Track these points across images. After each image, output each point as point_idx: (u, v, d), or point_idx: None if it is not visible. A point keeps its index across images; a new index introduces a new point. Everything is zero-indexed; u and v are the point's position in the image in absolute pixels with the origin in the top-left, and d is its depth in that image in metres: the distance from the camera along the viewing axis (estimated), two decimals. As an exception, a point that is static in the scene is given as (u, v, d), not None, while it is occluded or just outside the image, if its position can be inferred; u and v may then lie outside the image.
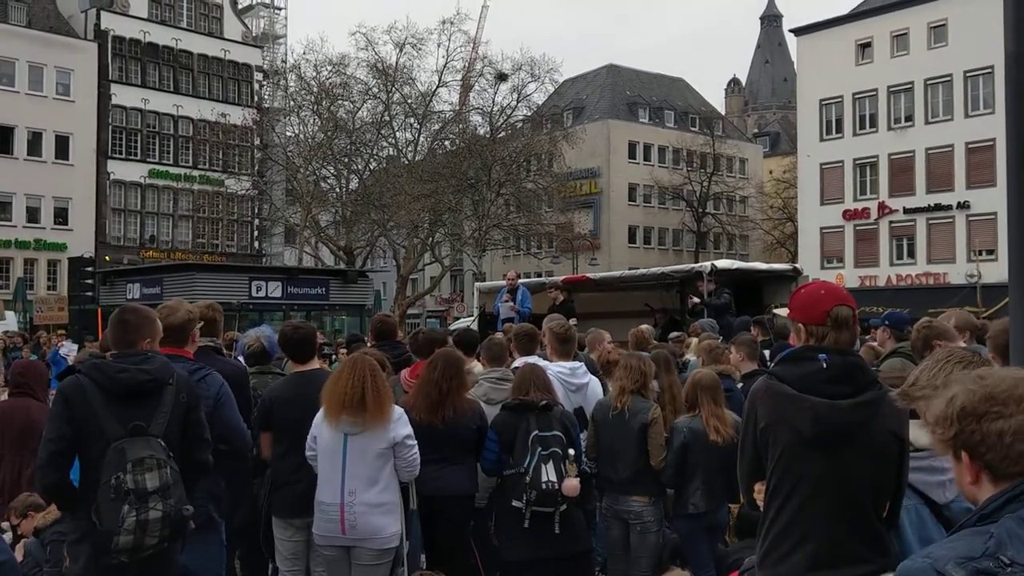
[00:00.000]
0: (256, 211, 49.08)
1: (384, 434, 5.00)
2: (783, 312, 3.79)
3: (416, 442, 5.13)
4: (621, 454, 5.89)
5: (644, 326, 9.83)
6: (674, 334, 11.53)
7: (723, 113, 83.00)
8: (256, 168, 46.84)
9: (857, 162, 45.29)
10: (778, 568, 3.13)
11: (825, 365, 3.13)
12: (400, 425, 5.07)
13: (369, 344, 7.70)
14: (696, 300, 14.01)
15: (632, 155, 62.28)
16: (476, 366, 6.74)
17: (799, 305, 3.41)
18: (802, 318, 3.35)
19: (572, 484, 5.27)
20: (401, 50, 42.63)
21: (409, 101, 43.48)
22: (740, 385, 7.08)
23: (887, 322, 6.66)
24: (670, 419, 6.11)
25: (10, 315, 29.16)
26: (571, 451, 5.37)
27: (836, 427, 3.07)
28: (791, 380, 3.16)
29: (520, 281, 15.28)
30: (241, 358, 6.95)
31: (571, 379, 6.43)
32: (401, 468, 5.11)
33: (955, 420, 1.88)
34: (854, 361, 3.23)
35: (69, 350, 16.59)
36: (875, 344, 6.70)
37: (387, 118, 43.06)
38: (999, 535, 1.76)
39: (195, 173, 47.52)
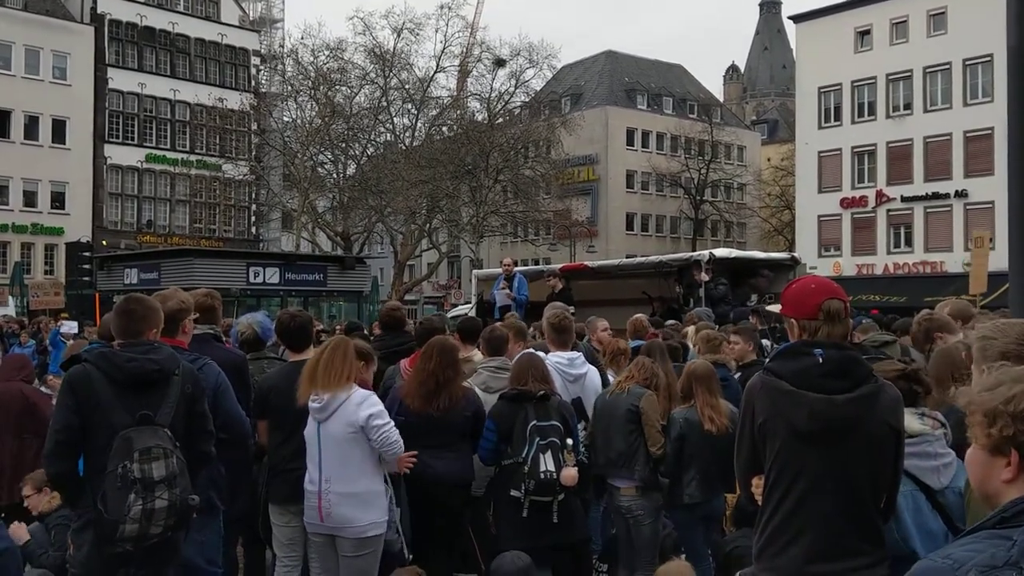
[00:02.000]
0: (253, 196, 48.98)
1: (347, 417, 4.96)
2: (775, 308, 3.80)
3: (389, 421, 5.04)
4: (610, 435, 5.94)
5: (640, 315, 9.83)
6: (670, 322, 11.51)
7: (721, 100, 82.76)
8: (253, 153, 46.73)
9: (855, 150, 45.25)
10: (775, 561, 3.16)
11: (821, 360, 3.13)
12: (364, 408, 4.98)
13: (376, 333, 7.69)
14: (706, 278, 14.00)
15: (630, 142, 62.17)
16: (476, 354, 6.74)
17: (790, 300, 3.41)
18: (794, 313, 3.35)
19: (570, 474, 5.30)
20: (399, 35, 42.58)
21: (407, 86, 43.40)
22: (737, 375, 7.11)
23: None
24: (666, 407, 6.14)
25: (8, 299, 29.15)
26: (569, 441, 5.40)
27: (833, 422, 3.08)
28: (788, 376, 3.16)
29: (517, 269, 15.25)
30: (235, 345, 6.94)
31: (569, 369, 6.44)
32: (379, 450, 5.02)
33: (1019, 419, 1.86)
34: (850, 355, 3.23)
35: (70, 327, 16.64)
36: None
37: (384, 103, 42.97)
38: (1022, 543, 1.72)
39: (192, 158, 47.41)
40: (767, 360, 3.51)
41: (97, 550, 3.97)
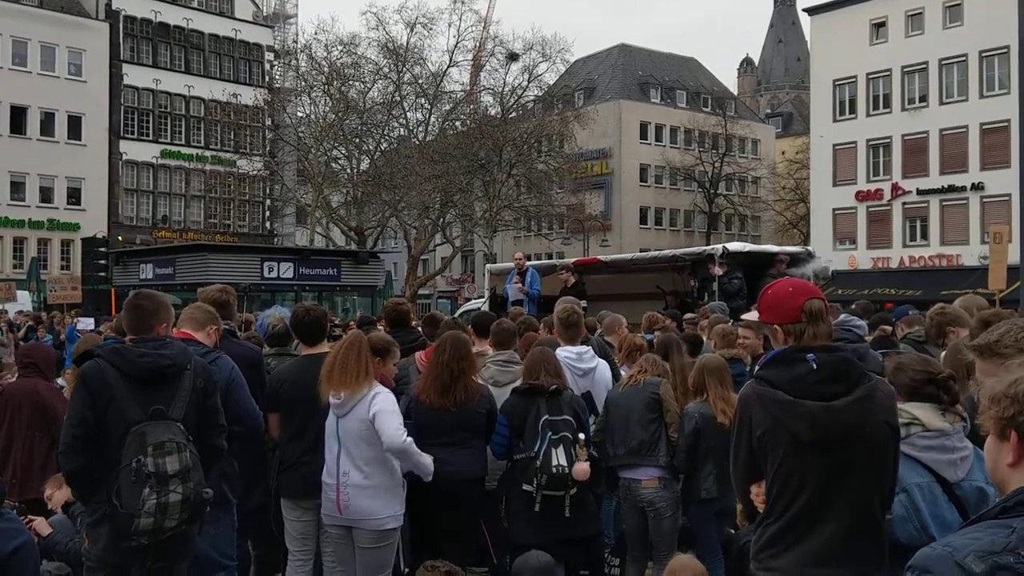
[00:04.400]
0: (267, 191, 49.16)
1: (362, 414, 4.99)
2: (752, 316, 3.72)
3: (397, 413, 5.04)
4: (629, 426, 5.94)
5: (656, 312, 9.89)
6: (688, 316, 11.48)
7: (735, 93, 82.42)
8: (267, 148, 46.89)
9: (870, 143, 44.99)
10: (773, 563, 3.12)
11: (815, 366, 3.07)
12: (374, 406, 4.98)
13: (384, 330, 7.67)
14: (720, 272, 13.93)
15: (644, 135, 61.96)
16: (490, 350, 6.74)
17: (769, 306, 3.32)
18: (776, 319, 3.27)
19: (582, 468, 5.30)
20: (412, 30, 42.59)
21: (420, 81, 43.41)
22: (749, 369, 7.08)
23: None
24: (681, 400, 6.14)
25: (24, 295, 29.32)
26: (581, 435, 5.40)
27: (835, 429, 3.03)
28: (783, 385, 3.09)
29: (530, 263, 15.24)
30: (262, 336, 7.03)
31: (578, 364, 6.44)
32: (387, 450, 5.01)
33: (1017, 401, 1.91)
34: (843, 356, 3.17)
35: (86, 324, 16.74)
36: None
37: (398, 98, 43.01)
38: (1021, 530, 1.77)
39: (207, 153, 47.62)
40: (756, 368, 3.44)
41: (114, 544, 3.99)
